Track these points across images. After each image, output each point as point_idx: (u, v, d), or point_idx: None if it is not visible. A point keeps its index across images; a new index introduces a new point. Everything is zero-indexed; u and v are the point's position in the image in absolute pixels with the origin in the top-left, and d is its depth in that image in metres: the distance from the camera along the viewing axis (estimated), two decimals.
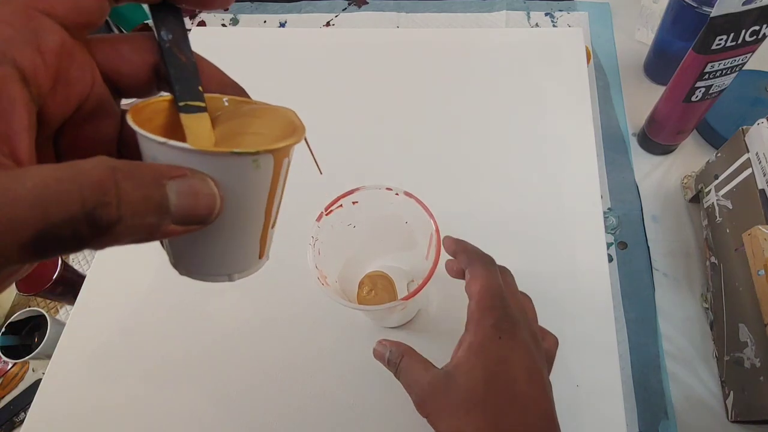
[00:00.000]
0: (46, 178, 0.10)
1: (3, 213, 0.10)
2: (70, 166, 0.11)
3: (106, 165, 0.11)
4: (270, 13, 0.72)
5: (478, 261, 0.28)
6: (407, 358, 0.28)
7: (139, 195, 0.12)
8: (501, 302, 0.26)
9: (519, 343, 0.25)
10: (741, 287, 0.37)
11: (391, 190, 0.33)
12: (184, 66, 0.16)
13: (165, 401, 0.41)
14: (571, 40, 0.57)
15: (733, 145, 0.41)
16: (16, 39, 0.12)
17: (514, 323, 0.26)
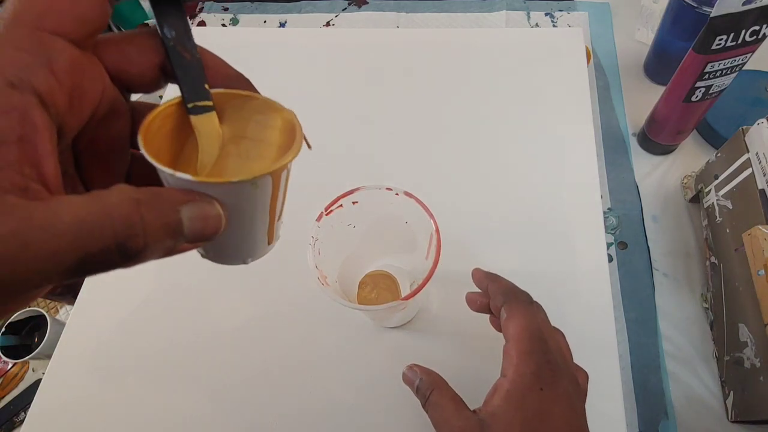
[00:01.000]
0: (81, 214, 0.12)
1: (48, 246, 0.11)
2: (98, 200, 0.12)
3: (130, 198, 0.13)
4: (270, 13, 0.72)
5: (515, 298, 0.27)
6: (438, 392, 0.26)
7: (160, 224, 0.13)
8: (541, 346, 0.25)
9: (561, 394, 0.24)
10: (741, 287, 0.37)
11: (391, 190, 0.33)
12: (189, 64, 0.16)
13: (165, 401, 0.41)
14: (571, 40, 0.57)
15: (733, 145, 0.41)
16: (31, 64, 0.13)
17: (555, 371, 0.24)
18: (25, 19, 0.13)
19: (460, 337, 0.40)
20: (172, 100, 0.16)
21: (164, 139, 0.16)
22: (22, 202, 0.12)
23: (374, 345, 0.41)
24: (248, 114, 0.18)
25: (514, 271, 0.43)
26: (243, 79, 0.18)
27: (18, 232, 0.11)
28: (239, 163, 0.18)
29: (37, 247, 0.11)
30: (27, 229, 0.11)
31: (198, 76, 0.16)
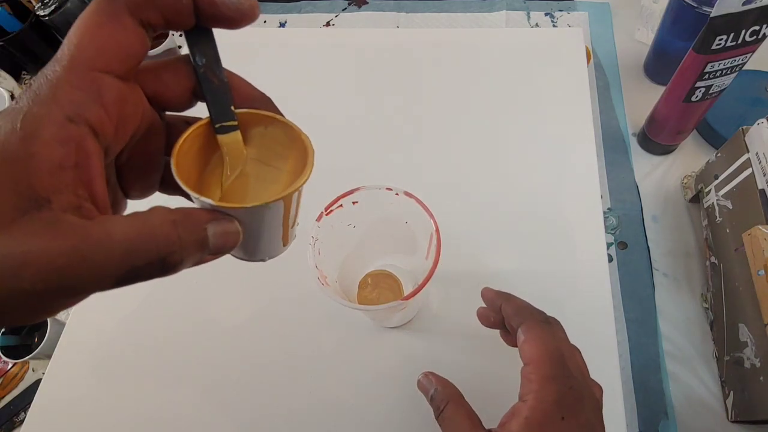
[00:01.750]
0: (130, 234, 0.14)
1: (102, 260, 0.14)
2: (143, 221, 0.15)
3: (169, 220, 0.15)
4: (270, 13, 0.72)
5: (532, 319, 0.26)
6: (454, 406, 0.25)
7: (192, 240, 0.16)
8: (563, 372, 0.24)
9: (584, 423, 0.23)
10: (741, 287, 0.37)
11: (391, 190, 0.33)
12: (217, 88, 0.18)
13: (165, 401, 0.41)
14: (571, 40, 0.57)
15: (733, 145, 0.41)
16: (85, 101, 0.15)
17: (578, 399, 0.23)
18: (80, 62, 0.15)
19: (460, 337, 0.40)
20: (201, 121, 0.18)
21: (194, 157, 0.18)
22: (80, 222, 0.14)
23: (374, 345, 0.41)
24: (270, 137, 0.20)
25: (514, 271, 0.43)
26: (266, 100, 0.20)
27: (78, 248, 0.13)
28: (259, 173, 0.20)
29: (93, 260, 0.13)
30: (85, 245, 0.13)
31: (225, 99, 0.18)
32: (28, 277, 0.13)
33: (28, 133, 0.13)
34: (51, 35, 0.65)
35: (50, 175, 0.13)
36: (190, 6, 0.16)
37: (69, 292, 0.14)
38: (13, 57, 0.64)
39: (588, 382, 0.26)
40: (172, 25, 0.16)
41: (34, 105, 0.14)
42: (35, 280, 0.13)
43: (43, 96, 0.14)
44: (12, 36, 0.60)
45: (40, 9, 0.61)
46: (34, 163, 0.13)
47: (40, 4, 0.61)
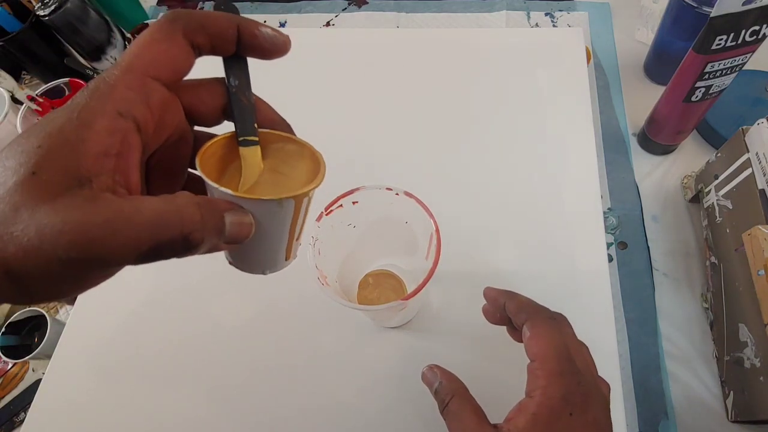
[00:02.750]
0: (158, 209, 0.16)
1: (131, 233, 0.15)
2: (170, 200, 0.16)
3: (193, 202, 0.17)
4: (270, 13, 0.72)
5: (537, 315, 0.26)
6: (459, 399, 0.25)
7: (212, 224, 0.17)
8: (570, 367, 0.23)
9: (590, 422, 0.23)
10: (741, 287, 0.37)
11: (391, 190, 0.33)
12: (245, 107, 0.20)
13: (165, 401, 0.41)
14: (571, 40, 0.57)
15: (733, 145, 0.41)
16: (136, 100, 0.17)
17: (586, 395, 0.23)
18: (136, 68, 0.17)
19: (461, 336, 0.40)
20: (226, 133, 0.21)
21: (215, 162, 0.21)
22: (114, 198, 0.15)
23: (374, 345, 0.41)
24: (284, 152, 0.22)
25: (514, 270, 0.43)
26: (285, 124, 0.23)
27: (111, 221, 0.15)
28: (273, 181, 0.22)
29: (123, 233, 0.15)
30: (117, 219, 0.15)
31: (250, 117, 0.20)
32: (63, 245, 0.14)
33: (82, 122, 0.15)
34: (51, 35, 0.65)
35: (95, 160, 0.15)
36: (235, 36, 0.19)
37: (97, 263, 0.15)
38: (13, 57, 0.64)
39: (596, 379, 0.25)
40: (216, 50, 0.19)
41: (91, 99, 0.16)
42: (69, 248, 0.14)
43: (99, 93, 0.16)
44: (12, 36, 0.60)
45: (40, 9, 0.61)
46: (84, 148, 0.15)
47: (40, 4, 0.61)
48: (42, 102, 0.54)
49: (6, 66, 0.69)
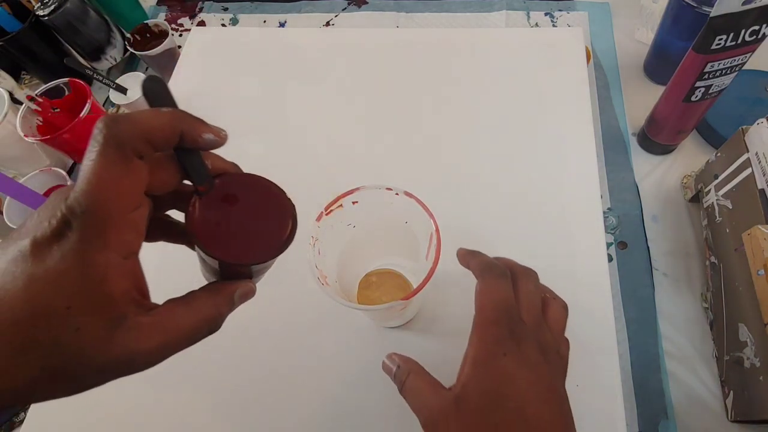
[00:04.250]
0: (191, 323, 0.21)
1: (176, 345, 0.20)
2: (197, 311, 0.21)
3: (213, 303, 0.22)
4: (270, 13, 0.72)
5: (489, 272, 0.27)
6: (414, 376, 0.27)
7: (227, 309, 0.22)
8: (506, 315, 0.25)
9: (525, 359, 0.24)
10: (741, 287, 0.37)
11: (391, 190, 0.33)
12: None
13: (164, 400, 0.41)
14: (571, 40, 0.57)
15: (732, 144, 0.41)
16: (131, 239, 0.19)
17: (519, 338, 0.25)
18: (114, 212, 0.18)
19: (461, 336, 0.40)
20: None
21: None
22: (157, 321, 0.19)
23: (374, 345, 0.41)
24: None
25: None
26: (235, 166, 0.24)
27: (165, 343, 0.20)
28: None
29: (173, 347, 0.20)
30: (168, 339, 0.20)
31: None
32: (138, 366, 0.19)
33: (97, 278, 0.18)
34: (51, 35, 0.65)
35: (123, 300, 0.18)
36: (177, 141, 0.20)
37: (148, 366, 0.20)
38: (13, 57, 0.64)
39: (542, 334, 0.27)
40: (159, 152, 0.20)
41: (93, 252, 0.18)
42: (142, 366, 0.19)
43: (96, 242, 0.18)
44: (12, 36, 0.60)
45: (40, 9, 0.61)
46: (111, 298, 0.18)
47: (40, 4, 0.61)
48: (41, 102, 0.54)
49: (5, 66, 0.69)
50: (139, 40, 0.64)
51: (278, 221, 0.23)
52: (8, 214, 0.52)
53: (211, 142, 0.21)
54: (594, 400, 0.37)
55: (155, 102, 0.20)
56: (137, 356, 0.19)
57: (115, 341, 0.18)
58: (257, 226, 0.23)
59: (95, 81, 0.60)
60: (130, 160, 0.18)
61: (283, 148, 0.52)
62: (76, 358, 0.17)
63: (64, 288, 0.17)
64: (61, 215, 0.17)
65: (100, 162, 0.18)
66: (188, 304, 0.21)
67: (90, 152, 0.18)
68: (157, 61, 0.63)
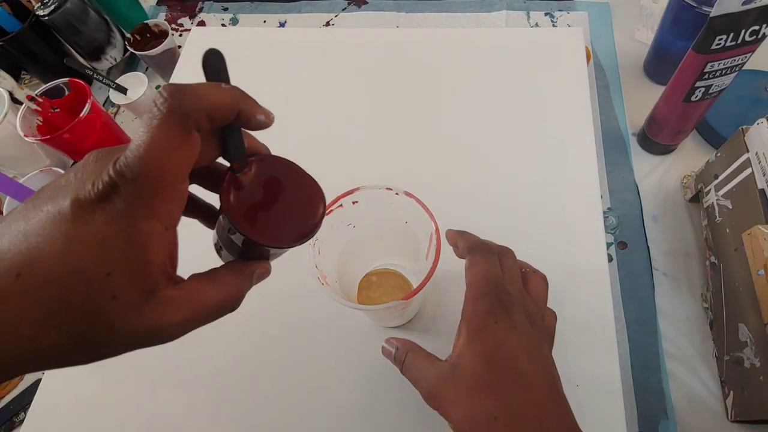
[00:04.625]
0: (216, 299, 0.20)
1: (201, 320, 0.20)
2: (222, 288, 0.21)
3: (234, 282, 0.22)
4: (270, 13, 0.72)
5: (478, 250, 0.29)
6: (411, 354, 0.28)
7: (247, 286, 0.22)
8: (495, 288, 0.27)
9: (515, 325, 0.26)
10: (741, 287, 0.37)
11: (391, 190, 0.33)
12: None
13: (164, 401, 0.41)
14: (571, 40, 0.57)
15: (732, 144, 0.41)
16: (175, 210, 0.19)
17: (507, 307, 0.27)
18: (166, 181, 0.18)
19: None
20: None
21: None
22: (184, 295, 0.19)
23: (374, 345, 0.41)
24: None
25: None
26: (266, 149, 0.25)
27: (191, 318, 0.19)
28: None
29: (198, 321, 0.20)
30: (194, 314, 0.19)
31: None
32: (160, 340, 0.19)
33: (140, 247, 0.17)
34: (51, 35, 0.65)
35: (159, 271, 0.18)
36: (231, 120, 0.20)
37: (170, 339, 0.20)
38: (13, 57, 0.64)
39: (527, 304, 0.29)
40: None
41: (139, 219, 0.17)
42: (164, 340, 0.19)
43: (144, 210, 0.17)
44: (12, 36, 0.60)
45: (40, 9, 0.61)
46: (149, 268, 0.18)
47: (40, 4, 0.61)
48: (41, 102, 0.54)
49: (6, 66, 0.69)
50: (139, 40, 0.64)
51: (309, 205, 0.24)
52: None
53: (261, 123, 0.21)
54: (594, 400, 0.37)
55: (213, 76, 0.20)
56: (162, 329, 0.18)
57: (144, 312, 0.18)
58: (289, 209, 0.23)
59: (95, 81, 0.60)
60: (190, 133, 0.18)
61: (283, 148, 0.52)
62: (105, 326, 0.17)
63: (107, 254, 0.17)
64: (109, 179, 0.17)
65: (160, 131, 0.17)
66: (214, 282, 0.21)
67: (150, 119, 0.17)
68: (157, 61, 0.63)
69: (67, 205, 0.17)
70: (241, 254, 0.23)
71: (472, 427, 0.24)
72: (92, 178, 0.17)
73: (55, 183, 0.18)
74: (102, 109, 0.56)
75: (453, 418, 0.25)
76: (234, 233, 0.21)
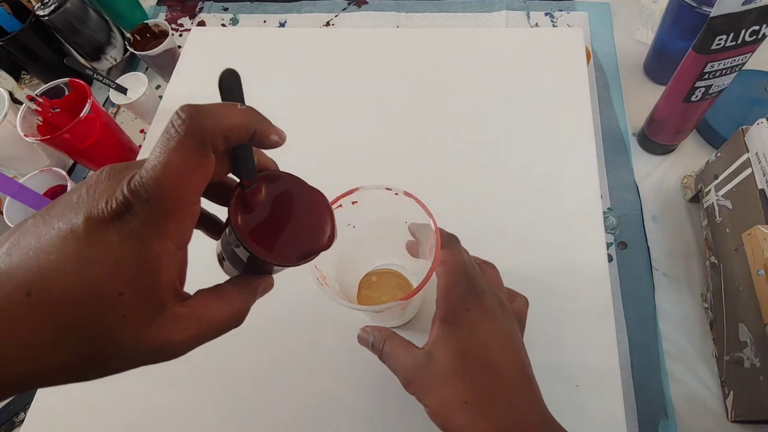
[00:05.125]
0: (222, 316, 0.21)
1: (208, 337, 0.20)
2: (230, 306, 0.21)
3: (241, 299, 0.22)
4: (270, 13, 0.72)
5: (443, 241, 0.30)
6: (390, 341, 0.30)
7: (252, 301, 0.22)
8: (465, 277, 0.28)
9: (486, 312, 0.27)
10: (741, 287, 0.37)
11: (391, 190, 0.33)
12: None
13: (164, 401, 0.41)
14: (571, 40, 0.57)
15: (732, 145, 0.41)
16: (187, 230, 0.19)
17: (478, 294, 0.28)
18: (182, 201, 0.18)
19: None
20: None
21: None
22: (191, 313, 0.19)
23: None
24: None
25: (513, 270, 0.43)
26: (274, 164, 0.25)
27: (198, 335, 0.20)
28: None
29: (204, 338, 0.20)
30: (201, 332, 0.20)
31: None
32: (167, 357, 0.19)
33: (153, 267, 0.18)
34: (51, 35, 0.65)
35: (169, 289, 0.18)
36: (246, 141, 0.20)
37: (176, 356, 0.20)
38: (13, 57, 0.64)
39: (496, 288, 0.30)
40: None
41: (153, 239, 0.17)
42: (170, 357, 0.19)
43: (157, 230, 0.17)
44: (12, 36, 0.60)
45: (40, 9, 0.61)
46: (160, 287, 0.18)
47: (40, 4, 0.61)
48: (42, 102, 0.54)
49: (6, 66, 0.69)
50: (139, 40, 0.64)
51: (317, 224, 0.24)
52: (8, 214, 0.52)
53: (274, 143, 0.21)
54: (594, 400, 0.37)
55: (229, 96, 0.20)
56: (170, 347, 0.19)
57: (153, 330, 0.18)
58: (296, 228, 0.23)
59: (95, 81, 0.60)
60: (206, 155, 0.18)
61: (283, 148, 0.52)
62: (114, 345, 0.17)
63: (120, 274, 0.17)
64: (123, 198, 0.17)
65: (177, 153, 0.17)
66: (221, 298, 0.21)
67: (168, 140, 0.17)
68: (157, 61, 0.63)
69: (79, 223, 0.17)
70: (245, 269, 0.23)
71: (444, 411, 0.26)
72: (105, 195, 0.17)
73: (66, 199, 0.18)
74: (102, 109, 0.56)
75: (426, 402, 0.27)
76: (239, 248, 0.21)
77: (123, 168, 0.18)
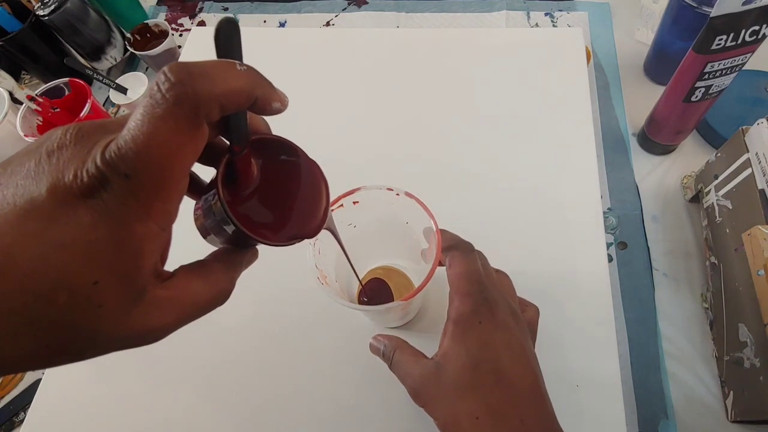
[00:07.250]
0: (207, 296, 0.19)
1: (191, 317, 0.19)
2: (214, 285, 0.20)
3: (227, 278, 0.20)
4: (270, 13, 0.72)
5: (456, 248, 0.29)
6: (399, 351, 0.29)
7: (237, 276, 0.21)
8: (479, 287, 0.27)
9: (499, 324, 0.26)
10: (741, 287, 0.37)
11: (392, 191, 0.33)
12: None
13: (164, 400, 0.41)
14: (571, 40, 0.57)
15: (733, 145, 0.41)
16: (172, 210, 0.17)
17: (491, 306, 0.27)
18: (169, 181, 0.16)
19: None
20: None
21: None
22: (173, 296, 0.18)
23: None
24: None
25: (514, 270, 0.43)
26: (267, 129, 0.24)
27: (180, 317, 0.18)
28: None
29: (188, 319, 0.19)
30: (184, 315, 0.18)
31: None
32: (148, 341, 0.17)
33: (134, 252, 0.15)
34: (51, 35, 0.65)
35: (150, 273, 0.16)
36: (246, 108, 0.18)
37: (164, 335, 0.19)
38: (13, 57, 0.64)
39: (509, 299, 0.29)
40: None
41: (134, 221, 0.15)
42: (152, 341, 0.18)
43: (139, 211, 0.15)
44: (12, 36, 0.60)
45: (40, 9, 0.61)
46: (142, 272, 0.16)
47: (40, 4, 0.61)
48: (42, 102, 0.54)
49: (5, 66, 0.69)
50: (139, 40, 0.64)
51: (312, 198, 0.22)
52: None
53: (276, 110, 0.19)
54: (594, 400, 0.37)
55: (226, 51, 0.17)
56: (150, 332, 0.17)
57: (131, 318, 0.16)
58: (289, 202, 0.21)
59: (95, 81, 0.60)
60: (200, 126, 0.15)
61: None
62: (88, 335, 0.15)
63: (94, 260, 0.14)
64: (97, 171, 0.14)
65: (166, 123, 0.14)
66: (204, 278, 0.19)
67: (153, 106, 0.14)
68: (157, 61, 0.63)
69: (41, 198, 0.14)
70: (234, 242, 0.21)
71: (455, 426, 0.25)
72: (74, 165, 0.14)
73: (19, 163, 0.15)
74: (102, 109, 0.56)
75: (437, 416, 0.26)
76: (227, 223, 0.19)
77: (92, 130, 0.15)
